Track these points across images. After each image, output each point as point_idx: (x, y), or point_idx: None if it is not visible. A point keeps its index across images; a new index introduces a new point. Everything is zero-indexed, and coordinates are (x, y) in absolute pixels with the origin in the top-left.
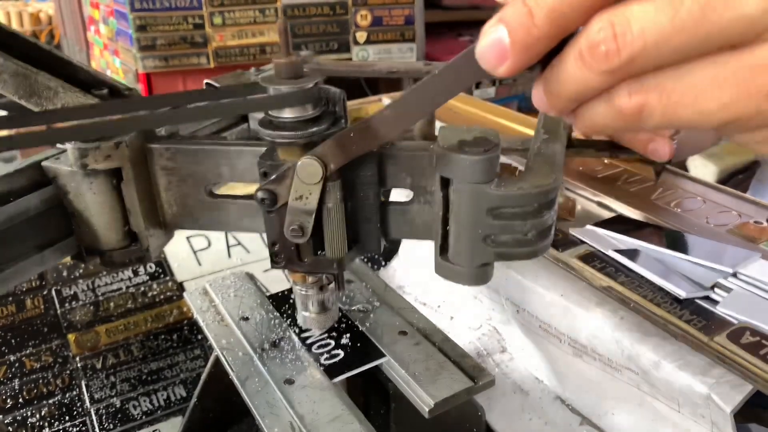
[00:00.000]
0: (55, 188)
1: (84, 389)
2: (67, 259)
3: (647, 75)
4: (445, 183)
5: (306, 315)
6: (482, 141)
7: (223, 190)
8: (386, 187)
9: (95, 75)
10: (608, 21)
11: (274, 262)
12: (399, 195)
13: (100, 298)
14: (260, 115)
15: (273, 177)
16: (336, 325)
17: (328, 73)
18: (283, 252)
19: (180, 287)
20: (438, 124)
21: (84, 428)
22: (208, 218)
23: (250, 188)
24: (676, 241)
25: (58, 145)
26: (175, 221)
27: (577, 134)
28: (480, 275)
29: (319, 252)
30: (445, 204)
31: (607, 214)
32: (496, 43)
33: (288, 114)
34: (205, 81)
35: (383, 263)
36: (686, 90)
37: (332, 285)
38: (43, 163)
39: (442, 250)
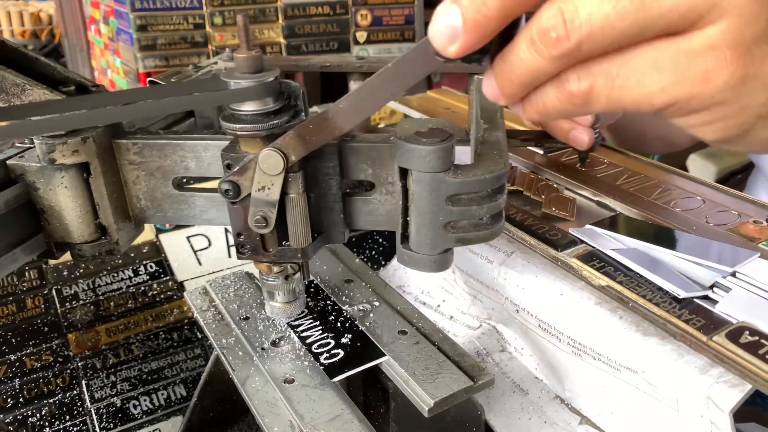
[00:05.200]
0: (23, 186)
1: (84, 388)
2: (67, 258)
3: (594, 61)
4: (404, 173)
5: (273, 305)
6: (438, 131)
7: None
8: (347, 179)
9: (63, 72)
10: (557, 8)
11: (240, 252)
12: None
13: (101, 297)
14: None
15: (236, 169)
16: (336, 325)
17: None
18: (248, 243)
19: (180, 287)
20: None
21: (84, 428)
22: (176, 211)
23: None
24: (675, 241)
25: (17, 144)
26: (143, 215)
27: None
28: (441, 261)
29: (283, 242)
30: (405, 194)
31: (606, 214)
32: (449, 23)
33: (249, 107)
34: (149, 79)
35: (383, 263)
36: (629, 74)
37: (298, 275)
38: (9, 162)
39: (404, 239)
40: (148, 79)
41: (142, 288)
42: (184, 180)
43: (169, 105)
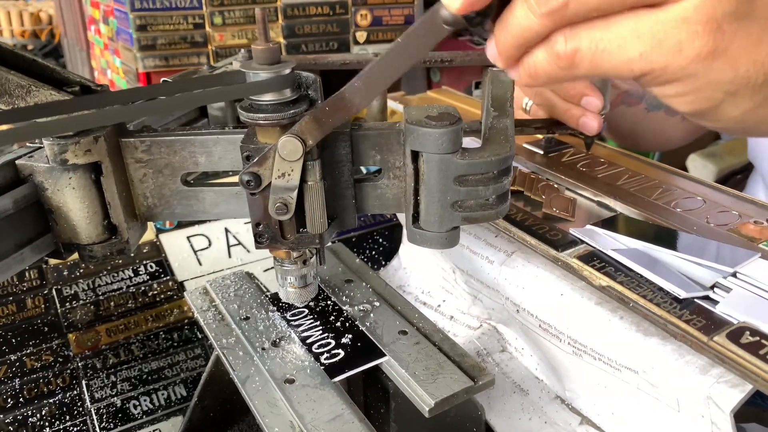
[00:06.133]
0: (31, 186)
1: (84, 389)
2: (72, 258)
3: (580, 24)
4: (415, 156)
5: (289, 290)
6: (446, 116)
7: None
8: (357, 165)
9: (63, 73)
10: None
11: (258, 242)
12: None
13: (101, 297)
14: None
15: (256, 159)
16: (336, 325)
17: None
18: (266, 232)
19: (180, 287)
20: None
21: (84, 428)
22: (185, 207)
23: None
24: (675, 241)
25: (28, 144)
26: (150, 213)
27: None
28: (450, 238)
29: (301, 229)
30: (416, 175)
31: (606, 214)
32: None
33: (270, 97)
34: (162, 79)
35: (383, 263)
36: (612, 39)
37: (313, 259)
38: (18, 162)
39: (414, 219)
40: (162, 79)
41: (143, 288)
42: (190, 178)
43: (188, 100)
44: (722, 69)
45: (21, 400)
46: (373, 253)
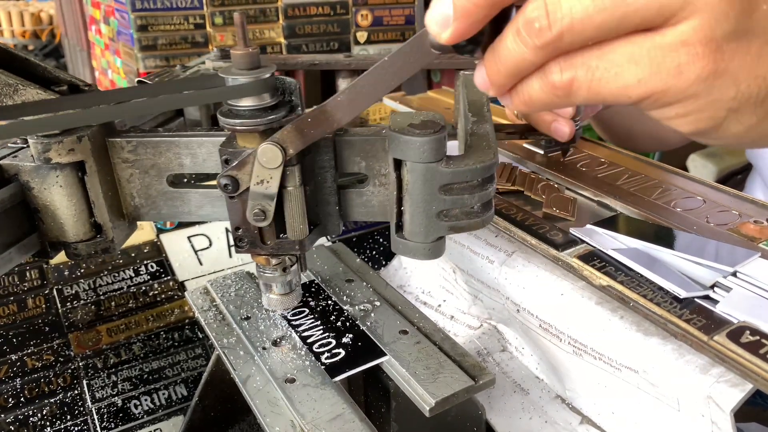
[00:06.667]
0: (17, 186)
1: (85, 388)
2: (68, 258)
3: (575, 53)
4: (398, 164)
5: (270, 297)
6: (430, 123)
7: None
8: (341, 171)
9: (53, 72)
10: (542, 1)
11: (238, 246)
12: None
13: (102, 297)
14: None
15: (235, 163)
16: (337, 324)
17: None
18: (246, 236)
19: (181, 286)
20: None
21: (85, 427)
22: (171, 208)
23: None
24: (675, 241)
25: (10, 144)
26: (137, 213)
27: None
28: (434, 249)
29: (281, 235)
30: (399, 184)
31: (607, 214)
32: (441, 11)
33: (248, 102)
34: (137, 80)
35: (384, 262)
36: (608, 66)
37: (295, 267)
38: (2, 162)
39: (398, 228)
40: (137, 79)
41: (143, 288)
42: (175, 178)
43: (167, 102)
44: (724, 88)
45: (22, 399)
46: (374, 252)
